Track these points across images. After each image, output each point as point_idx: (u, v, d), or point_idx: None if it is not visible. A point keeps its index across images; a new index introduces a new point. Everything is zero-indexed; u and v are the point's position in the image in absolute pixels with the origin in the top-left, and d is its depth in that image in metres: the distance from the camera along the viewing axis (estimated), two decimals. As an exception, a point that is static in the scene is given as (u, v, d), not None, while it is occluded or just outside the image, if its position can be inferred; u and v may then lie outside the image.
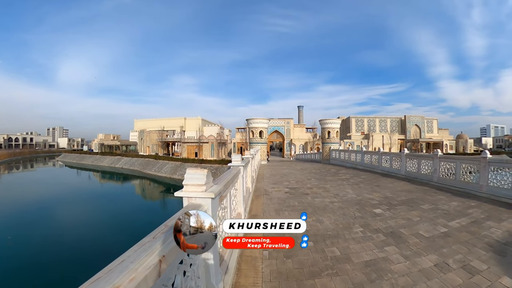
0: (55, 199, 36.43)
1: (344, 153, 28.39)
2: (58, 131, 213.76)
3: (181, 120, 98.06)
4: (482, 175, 10.49)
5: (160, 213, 29.27)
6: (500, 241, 5.96)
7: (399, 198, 10.15)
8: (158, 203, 38.68)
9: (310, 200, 9.78)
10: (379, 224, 7.10)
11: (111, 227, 24.95)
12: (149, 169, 62.44)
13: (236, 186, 5.89)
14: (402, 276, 4.42)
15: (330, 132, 33.82)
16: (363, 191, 11.55)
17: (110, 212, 30.90)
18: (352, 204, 9.30)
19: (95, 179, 61.53)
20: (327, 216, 7.76)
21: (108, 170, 71.31)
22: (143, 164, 67.39)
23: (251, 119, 33.25)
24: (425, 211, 8.34)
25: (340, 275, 4.40)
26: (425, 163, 14.48)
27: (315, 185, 13.20)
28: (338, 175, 17.65)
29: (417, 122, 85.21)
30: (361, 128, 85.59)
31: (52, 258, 17.57)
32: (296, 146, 68.91)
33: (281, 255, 5.01)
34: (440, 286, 4.14)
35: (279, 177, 16.43)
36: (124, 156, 78.61)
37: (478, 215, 7.97)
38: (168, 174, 56.13)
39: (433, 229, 6.73)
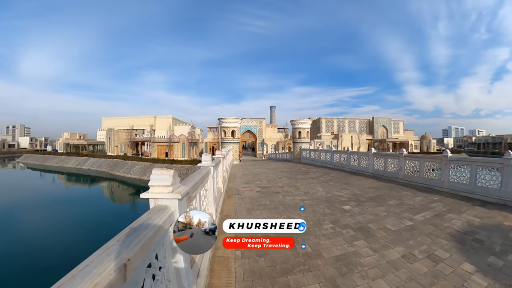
0: (14, 205, 33.79)
1: (314, 153, 29.05)
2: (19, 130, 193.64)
3: (151, 118, 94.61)
4: (444, 172, 11.35)
5: (130, 217, 27.46)
6: (460, 231, 6.48)
7: (367, 195, 10.56)
8: (127, 206, 37.31)
9: (281, 199, 9.88)
10: (348, 220, 7.34)
11: (78, 233, 23.64)
12: (118, 171, 60.11)
13: (206, 187, 5.80)
14: (372, 268, 4.62)
15: (301, 132, 34.47)
16: (332, 189, 11.87)
17: (76, 217, 29.24)
18: (322, 201, 9.51)
19: (60, 182, 57.84)
20: (298, 214, 7.87)
21: (74, 172, 67.69)
22: (111, 165, 64.71)
23: (223, 119, 32.97)
24: (392, 207, 8.78)
25: (312, 270, 4.50)
26: (391, 162, 15.25)
27: (286, 184, 13.36)
28: (309, 174, 17.97)
29: (384, 123, 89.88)
30: (331, 129, 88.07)
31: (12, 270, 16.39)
32: (268, 145, 69.66)
33: (254, 254, 5.01)
34: (408, 275, 4.39)
35: (251, 177, 16.44)
36: (91, 156, 75.22)
37: (440, 208, 8.56)
38: (138, 176, 54.30)
39: (400, 223, 7.10)
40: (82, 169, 69.33)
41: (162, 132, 74.69)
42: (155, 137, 71.02)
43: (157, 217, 2.34)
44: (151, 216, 2.33)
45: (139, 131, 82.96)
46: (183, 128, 76.49)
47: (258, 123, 70.66)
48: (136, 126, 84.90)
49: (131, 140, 76.62)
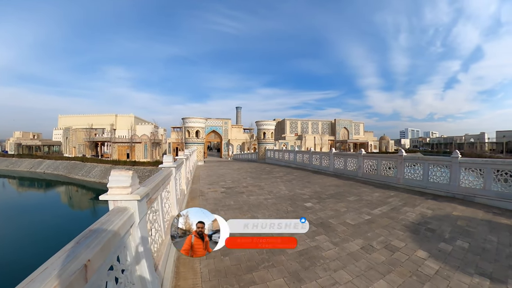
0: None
1: (278, 153, 29.59)
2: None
3: (112, 117, 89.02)
4: (399, 170, 12.32)
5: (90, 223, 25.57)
6: (414, 222, 7.07)
7: (328, 192, 11.01)
8: (87, 212, 34.92)
9: (245, 198, 9.94)
10: (310, 216, 7.58)
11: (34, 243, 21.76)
12: (76, 173, 56.25)
13: (168, 188, 5.67)
14: (333, 260, 4.84)
15: (265, 133, 35.01)
16: (295, 187, 12.20)
17: (32, 226, 26.78)
18: (285, 199, 9.74)
19: (11, 188, 52.34)
20: (262, 212, 8.00)
21: (27, 176, 61.99)
22: (68, 167, 60.34)
23: (187, 118, 32.31)
24: (351, 202, 9.25)
25: (276, 266, 4.61)
26: (351, 161, 16.09)
27: (251, 184, 13.44)
28: (273, 174, 18.25)
29: (345, 125, 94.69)
30: (295, 130, 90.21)
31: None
32: (233, 146, 69.56)
33: (218, 253, 5.01)
34: (367, 265, 4.68)
35: (216, 178, 16.31)
36: (47, 158, 69.65)
37: (396, 203, 9.22)
38: (98, 179, 51.23)
39: (358, 217, 7.51)
40: (37, 173, 64.16)
41: (124, 131, 70.27)
42: (116, 137, 66.52)
43: (116, 219, 2.31)
44: (110, 218, 2.29)
45: (99, 130, 77.47)
46: (146, 127, 72.35)
47: (224, 124, 70.24)
48: (95, 125, 79.61)
49: (90, 140, 71.23)
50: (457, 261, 4.88)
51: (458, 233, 6.35)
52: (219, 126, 69.30)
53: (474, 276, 4.38)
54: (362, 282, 4.14)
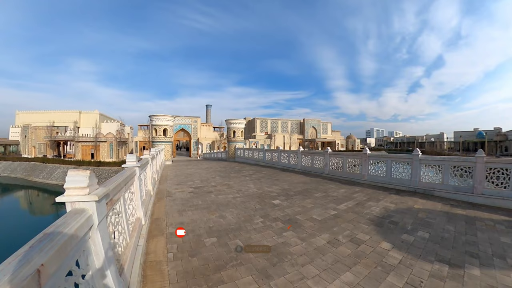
0: None
1: (248, 151, 29.61)
2: None
3: (75, 114, 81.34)
4: (364, 167, 12.88)
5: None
6: (378, 216, 7.37)
7: (296, 189, 11.18)
8: (50, 218, 31.88)
9: (213, 198, 9.80)
10: (278, 213, 7.64)
11: None
12: (36, 176, 52.15)
13: (132, 189, 5.46)
14: (300, 255, 4.90)
15: (235, 132, 34.78)
16: (263, 185, 12.26)
17: None
18: (254, 197, 9.75)
19: None
20: (230, 211, 7.93)
21: None
22: (28, 169, 55.76)
23: (154, 116, 31.10)
24: (318, 199, 9.45)
25: (244, 264, 4.58)
26: (318, 159, 16.55)
27: (219, 183, 13.30)
28: (242, 172, 18.21)
29: (314, 125, 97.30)
30: (265, 129, 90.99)
31: None
32: (203, 145, 68.15)
33: (186, 254, 4.92)
34: (333, 258, 4.78)
35: (184, 177, 15.95)
36: (3, 159, 63.86)
37: (361, 198, 9.56)
38: (60, 181, 46.95)
39: (325, 213, 7.68)
40: (-9, 176, 58.50)
41: (88, 130, 66.24)
42: (80, 136, 62.30)
43: (73, 221, 2.20)
44: (66, 220, 2.18)
45: (61, 128, 71.40)
46: (111, 125, 68.49)
47: (193, 122, 68.75)
48: (58, 122, 73.44)
49: (51, 139, 65.35)
50: (418, 250, 5.15)
51: (419, 224, 6.72)
52: (188, 124, 67.85)
53: (434, 263, 4.67)
54: (329, 275, 4.23)
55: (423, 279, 4.17)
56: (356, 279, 4.13)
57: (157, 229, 6.28)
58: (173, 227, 6.38)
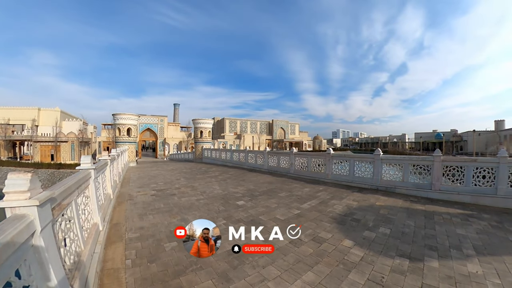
0: None
1: (215, 152, 29.18)
2: None
3: (34, 111, 70.90)
4: (328, 166, 13.16)
5: None
6: (341, 214, 7.43)
7: (261, 189, 11.11)
8: None
9: (176, 201, 9.44)
10: (241, 214, 7.48)
11: None
12: None
13: (87, 193, 5.11)
14: (262, 257, 4.76)
15: (202, 132, 34.04)
16: (229, 186, 12.06)
17: None
18: (218, 199, 9.51)
19: None
20: (192, 214, 7.63)
21: None
22: None
23: (118, 114, 29.42)
24: (282, 198, 9.42)
25: (204, 268, 4.41)
26: (283, 159, 16.66)
27: (184, 185, 12.91)
28: (208, 173, 17.86)
29: (282, 126, 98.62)
30: (234, 129, 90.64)
31: None
32: (170, 145, 66.12)
33: (145, 261, 4.69)
34: (295, 258, 4.71)
35: (147, 180, 15.33)
36: None
37: (325, 196, 9.66)
38: None
39: (288, 212, 7.64)
40: None
41: (48, 128, 59.60)
42: (39, 135, 56.67)
43: (10, 227, 2.03)
44: (3, 227, 2.01)
45: (17, 127, 62.57)
46: (73, 124, 62.13)
47: (160, 121, 66.03)
48: (14, 120, 63.95)
49: (6, 139, 57.52)
50: (380, 246, 5.21)
51: (380, 221, 6.86)
52: (155, 123, 64.92)
53: (395, 258, 4.75)
54: (291, 275, 4.16)
55: (384, 275, 4.21)
56: (317, 278, 4.08)
57: (116, 234, 5.91)
58: (133, 232, 6.06)
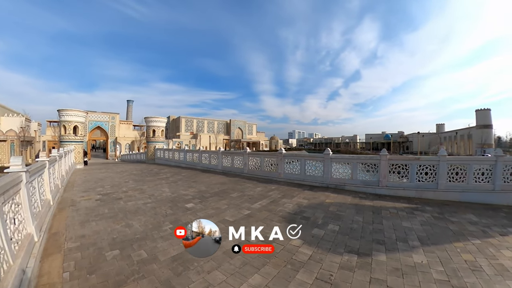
0: None
1: (168, 152, 28.08)
2: None
3: None
4: (280, 166, 13.37)
5: None
6: (291, 213, 7.46)
7: (212, 191, 10.83)
8: None
9: (122, 205, 8.83)
10: (189, 217, 7.16)
11: None
12: None
13: (18, 200, 4.50)
14: (208, 261, 4.57)
15: (155, 131, 32.25)
16: (179, 188, 11.63)
17: None
18: (166, 202, 9.07)
19: None
20: (138, 219, 7.17)
21: None
22: None
23: (64, 110, 26.55)
24: (233, 199, 9.26)
25: (146, 276, 4.18)
26: (237, 159, 16.57)
27: (132, 188, 12.18)
28: (159, 175, 17.10)
29: (240, 126, 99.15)
30: (190, 128, 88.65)
31: None
32: (122, 145, 61.44)
33: (84, 272, 4.30)
34: (242, 261, 4.58)
35: (93, 183, 14.23)
36: None
37: (276, 195, 9.67)
38: None
39: (238, 213, 7.48)
40: None
41: None
42: None
43: None
44: None
45: None
46: (14, 120, 54.48)
47: (111, 119, 61.11)
48: None
49: None
50: (328, 243, 5.25)
51: (330, 218, 6.97)
52: (105, 121, 60.20)
53: (344, 254, 4.81)
54: (237, 280, 4.03)
55: (333, 272, 4.22)
56: (264, 280, 3.98)
57: (54, 245, 5.32)
58: (73, 241, 5.51)
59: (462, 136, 74.48)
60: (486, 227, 6.73)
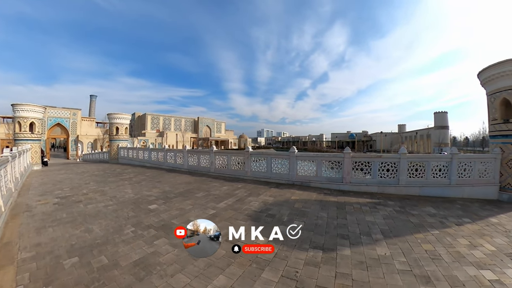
0: None
1: (132, 151, 26.84)
2: None
3: None
4: (247, 164, 13.35)
5: None
6: (257, 211, 7.45)
7: (177, 191, 10.54)
8: None
9: (82, 208, 8.30)
10: (152, 219, 6.92)
11: None
12: None
13: None
14: (171, 265, 4.45)
15: (119, 128, 29.93)
16: (143, 189, 11.20)
17: None
18: (128, 204, 8.68)
19: None
20: (98, 223, 6.79)
21: None
22: None
23: (18, 105, 23.58)
24: (199, 199, 9.06)
25: (107, 284, 3.98)
26: (204, 158, 16.28)
27: (93, 190, 11.52)
28: (122, 175, 16.37)
29: (208, 124, 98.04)
30: (156, 126, 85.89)
31: None
32: (84, 144, 57.68)
33: (40, 284, 3.98)
34: (206, 263, 4.49)
35: (51, 186, 13.26)
36: None
37: (242, 194, 9.62)
38: None
39: (203, 213, 7.33)
40: None
41: None
42: None
43: None
44: None
45: None
46: None
47: (72, 115, 56.90)
48: None
49: None
50: (294, 240, 5.26)
51: (295, 214, 7.06)
52: (66, 118, 55.97)
53: (309, 250, 4.87)
54: (201, 282, 3.96)
55: (298, 269, 4.25)
56: (229, 281, 3.93)
57: (6, 257, 4.86)
58: (28, 251, 5.08)
59: (421, 136, 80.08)
60: (443, 218, 7.29)
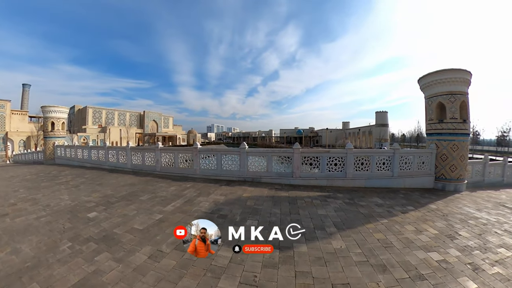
0: None
1: (70, 150, 23.95)
2: None
3: None
4: (195, 161, 12.86)
5: None
6: (207, 212, 7.13)
7: (119, 194, 9.64)
8: None
9: (8, 224, 6.98)
10: (92, 230, 6.15)
11: None
12: None
13: None
14: (116, 284, 3.96)
15: (54, 123, 25.95)
16: (81, 194, 10.08)
17: None
18: (64, 213, 7.67)
19: None
20: (28, 240, 5.78)
21: None
22: None
23: None
24: (143, 202, 8.35)
25: None
26: (148, 156, 15.29)
27: (22, 198, 9.98)
28: (58, 179, 14.69)
29: (155, 118, 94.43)
30: (98, 121, 79.91)
31: None
32: (14, 142, 51.09)
33: None
34: (156, 277, 4.09)
35: (-31, 196, 11.36)
36: None
37: (191, 194, 9.15)
38: None
39: (149, 219, 6.74)
40: None
41: None
42: None
43: None
44: None
45: None
46: None
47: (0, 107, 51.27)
48: None
49: None
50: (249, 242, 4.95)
51: (248, 213, 6.89)
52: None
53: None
54: None
55: (256, 273, 4.10)
56: (183, 296, 3.58)
57: None
58: None
59: (364, 132, 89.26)
60: (390, 207, 7.74)
